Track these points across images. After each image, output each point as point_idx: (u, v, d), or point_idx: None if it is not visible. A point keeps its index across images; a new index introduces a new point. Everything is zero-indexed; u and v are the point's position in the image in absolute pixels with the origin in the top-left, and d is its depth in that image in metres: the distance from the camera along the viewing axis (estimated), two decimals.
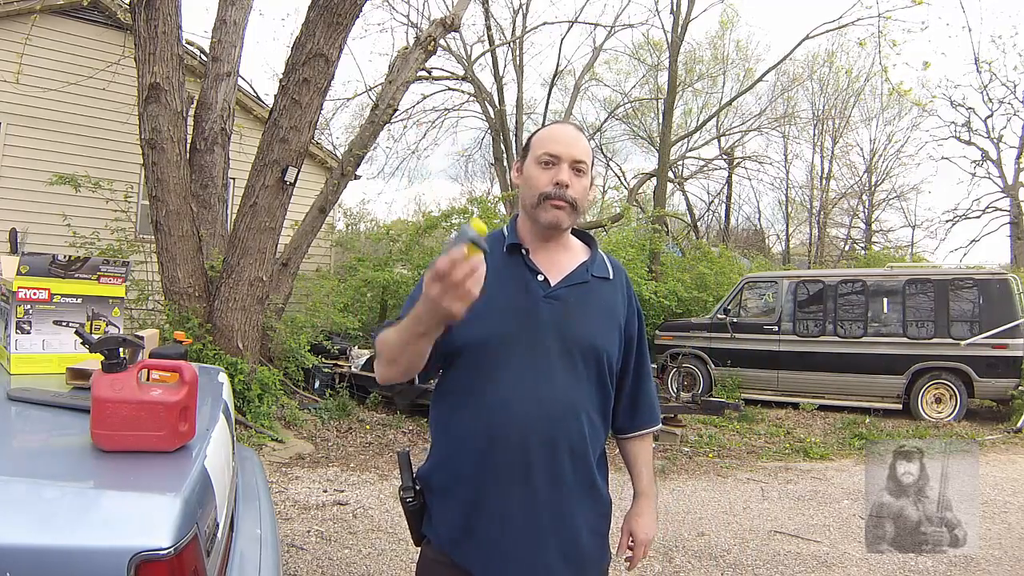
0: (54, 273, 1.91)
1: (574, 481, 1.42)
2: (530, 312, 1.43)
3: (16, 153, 8.42)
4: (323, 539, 3.79)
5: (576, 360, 1.42)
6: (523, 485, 1.38)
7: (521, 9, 18.62)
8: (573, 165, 1.45)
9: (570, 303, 1.45)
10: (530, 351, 1.40)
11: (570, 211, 1.45)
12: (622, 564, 1.64)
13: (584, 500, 1.45)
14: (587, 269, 1.50)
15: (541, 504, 1.39)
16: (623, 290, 1.55)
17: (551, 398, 1.39)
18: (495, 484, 1.39)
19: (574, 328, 1.43)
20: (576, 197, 1.45)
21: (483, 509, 1.40)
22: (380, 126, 8.17)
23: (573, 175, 1.45)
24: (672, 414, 7.17)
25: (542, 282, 1.46)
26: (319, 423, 6.53)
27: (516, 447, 1.37)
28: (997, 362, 8.11)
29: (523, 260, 1.48)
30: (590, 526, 1.47)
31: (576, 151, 1.46)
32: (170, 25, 5.59)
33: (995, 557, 3.88)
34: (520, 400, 1.38)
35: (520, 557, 1.39)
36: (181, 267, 5.86)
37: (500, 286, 1.42)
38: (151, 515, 1.06)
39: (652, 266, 13.01)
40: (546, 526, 1.40)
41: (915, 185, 23.32)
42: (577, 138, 1.49)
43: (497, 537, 1.39)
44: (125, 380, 1.27)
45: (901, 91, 13.00)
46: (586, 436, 1.43)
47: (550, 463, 1.39)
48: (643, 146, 23.79)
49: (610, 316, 1.50)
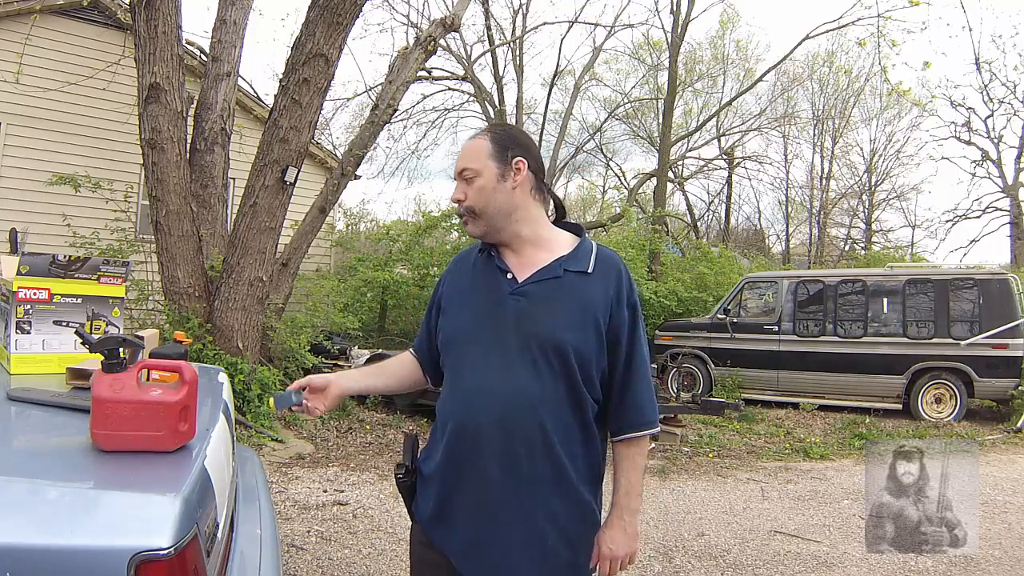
0: (54, 273, 1.91)
1: (533, 477, 1.41)
2: (495, 308, 1.48)
3: (16, 153, 8.42)
4: (323, 539, 3.78)
5: (535, 355, 1.42)
6: (481, 476, 1.43)
7: (521, 9, 18.66)
8: (461, 177, 1.52)
9: (537, 299, 1.46)
10: (493, 346, 1.45)
11: (473, 219, 1.52)
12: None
13: (551, 499, 1.43)
14: (560, 264, 1.50)
15: (499, 496, 1.42)
16: (608, 285, 1.49)
17: (506, 392, 1.42)
18: (458, 473, 1.46)
19: (535, 324, 1.44)
20: (472, 204, 1.50)
21: (450, 496, 1.47)
22: (380, 126, 8.16)
23: (464, 185, 1.51)
24: (672, 414, 7.17)
25: (510, 279, 1.50)
26: (319, 423, 6.52)
27: (472, 437, 1.43)
28: (997, 362, 8.11)
29: (494, 261, 1.54)
30: (559, 528, 1.44)
31: (460, 163, 1.53)
32: (170, 25, 5.59)
33: (995, 557, 3.88)
34: (479, 392, 1.44)
35: (487, 548, 1.43)
36: (181, 267, 5.86)
37: (474, 285, 1.55)
38: (151, 515, 1.06)
39: (652, 266, 13.01)
40: (506, 520, 1.42)
41: (915, 185, 23.36)
42: (463, 150, 1.55)
43: (464, 525, 1.45)
44: (125, 380, 1.27)
45: (900, 91, 13.03)
46: (547, 431, 1.41)
47: (505, 457, 1.41)
48: (643, 146, 23.81)
49: (583, 311, 1.45)
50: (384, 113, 7.94)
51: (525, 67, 21.43)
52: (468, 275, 1.59)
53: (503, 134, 1.55)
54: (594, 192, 28.27)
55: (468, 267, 1.60)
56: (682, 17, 15.89)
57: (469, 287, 1.56)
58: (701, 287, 12.33)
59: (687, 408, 7.35)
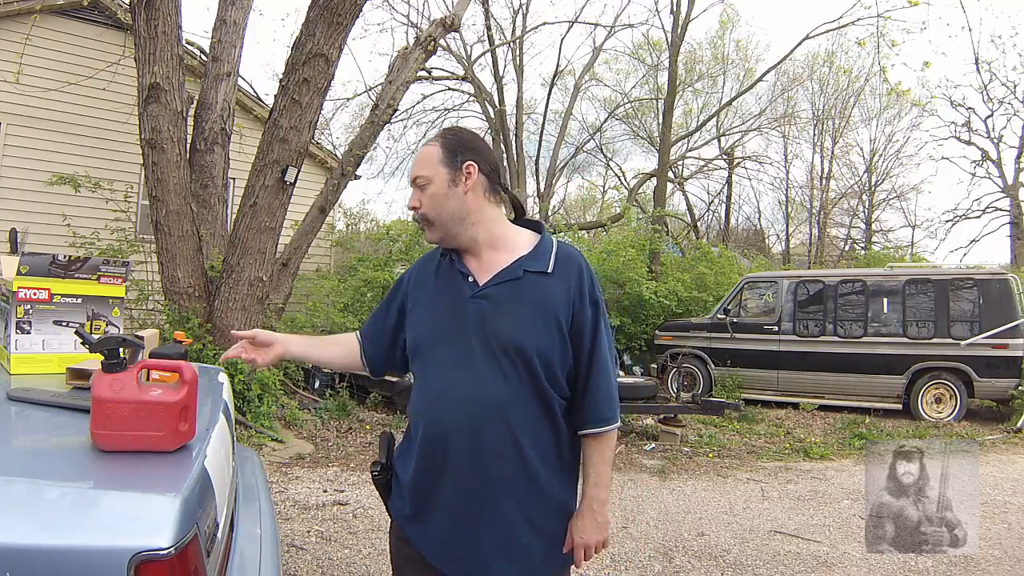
0: (54, 273, 1.91)
1: (506, 478, 1.44)
2: (457, 313, 1.50)
3: (16, 153, 8.42)
4: (323, 539, 3.78)
5: (499, 358, 1.44)
6: (453, 478, 1.45)
7: (521, 9, 18.66)
8: (415, 184, 1.54)
9: (498, 301, 1.48)
10: (456, 350, 1.47)
11: (429, 226, 1.54)
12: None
13: (525, 498, 1.46)
14: (520, 265, 1.50)
15: (470, 497, 1.45)
16: (569, 283, 1.49)
17: (473, 396, 1.44)
18: (431, 474, 1.48)
19: (497, 327, 1.45)
20: (426, 211, 1.52)
21: (426, 497, 1.50)
22: (380, 126, 8.16)
23: (418, 192, 1.53)
24: (672, 414, 7.18)
25: (471, 283, 1.51)
26: (319, 423, 6.53)
27: (442, 440, 1.45)
28: (997, 362, 8.10)
29: (455, 264, 1.55)
30: (534, 525, 1.47)
31: (413, 171, 1.55)
32: (170, 25, 5.59)
33: (995, 557, 3.88)
34: (445, 397, 1.46)
35: (462, 547, 1.46)
36: (181, 267, 5.86)
37: (437, 289, 1.57)
38: (151, 515, 1.06)
39: (652, 266, 13.00)
40: (480, 519, 1.44)
41: (915, 185, 23.37)
42: (417, 157, 1.56)
43: (439, 524, 1.48)
44: (125, 380, 1.27)
45: (899, 91, 13.02)
46: (515, 432, 1.43)
47: (475, 459, 1.43)
48: (643, 146, 23.81)
49: (543, 312, 1.46)
50: (384, 113, 7.94)
51: (525, 67, 21.45)
52: (431, 278, 1.60)
53: (453, 139, 1.55)
54: (594, 192, 28.30)
55: (432, 270, 1.62)
56: (682, 17, 15.89)
57: (433, 290, 1.58)
58: (701, 287, 12.32)
59: (687, 408, 7.35)
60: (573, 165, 23.55)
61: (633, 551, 3.84)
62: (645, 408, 7.16)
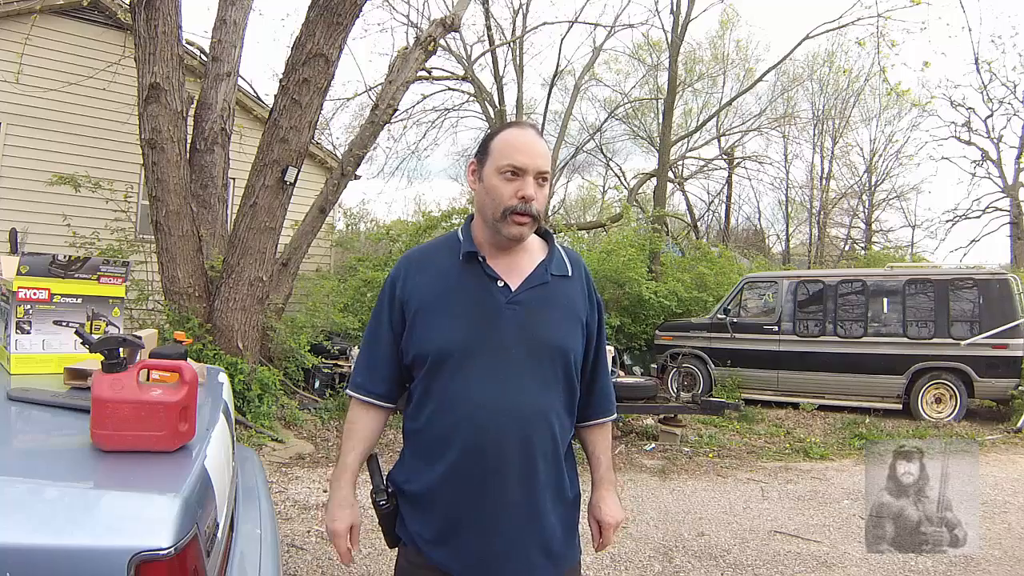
0: (54, 273, 1.91)
1: (547, 483, 1.44)
2: (493, 320, 1.41)
3: (16, 153, 8.42)
4: (323, 539, 3.78)
5: (544, 364, 1.43)
6: (499, 492, 1.39)
7: (521, 9, 18.64)
8: (538, 177, 1.41)
9: (533, 307, 1.44)
10: (496, 359, 1.40)
11: (533, 224, 1.43)
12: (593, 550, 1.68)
13: (556, 499, 1.47)
14: (546, 269, 1.49)
15: (517, 508, 1.40)
16: (582, 284, 1.53)
17: (521, 405, 1.40)
18: (469, 493, 1.40)
19: (540, 332, 1.43)
20: (540, 210, 1.44)
21: (459, 516, 1.41)
22: (380, 126, 8.16)
23: (537, 187, 1.42)
24: (672, 414, 7.17)
25: (502, 288, 1.44)
26: (319, 423, 6.53)
27: (491, 456, 1.38)
28: (997, 362, 8.10)
29: (481, 267, 1.45)
30: (564, 522, 1.49)
31: (541, 162, 1.42)
32: (170, 25, 5.59)
33: (995, 557, 3.88)
34: (491, 410, 1.38)
35: (500, 559, 1.42)
36: (181, 267, 5.86)
37: (459, 295, 1.44)
38: (151, 515, 1.06)
39: (652, 266, 13.00)
40: (524, 528, 1.42)
41: (915, 185, 23.41)
42: (541, 147, 1.44)
43: (475, 541, 1.41)
44: (125, 380, 1.27)
45: (899, 91, 13.01)
46: (557, 437, 1.45)
47: (525, 469, 1.40)
48: (643, 146, 23.81)
49: (572, 314, 1.49)
50: (384, 113, 7.94)
51: (525, 67, 21.46)
52: (444, 281, 1.46)
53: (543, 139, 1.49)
54: (594, 192, 28.32)
55: (440, 272, 1.48)
56: (682, 17, 15.90)
57: (452, 295, 1.44)
58: (701, 287, 12.33)
59: (687, 408, 7.34)
60: (573, 165, 23.57)
61: (633, 551, 3.84)
62: (645, 408, 7.15)
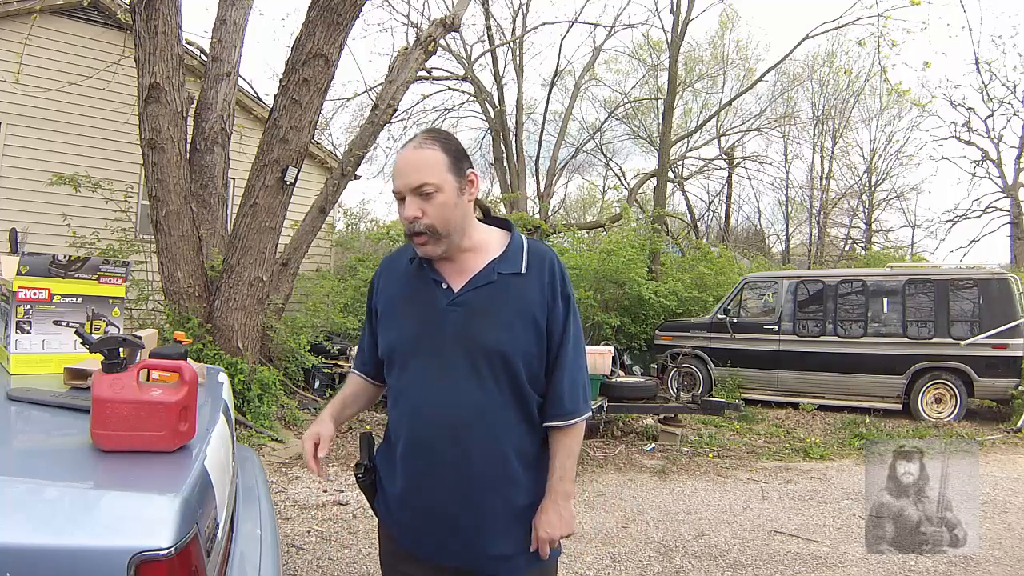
0: (54, 273, 1.91)
1: (490, 475, 1.45)
2: (434, 321, 1.46)
3: (16, 153, 8.42)
4: (323, 539, 3.79)
5: (480, 366, 1.43)
6: (437, 479, 1.46)
7: (521, 9, 18.64)
8: (415, 193, 1.41)
9: (475, 307, 1.45)
10: (435, 359, 1.45)
11: (433, 237, 1.43)
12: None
13: (511, 496, 1.48)
14: (494, 268, 1.48)
15: (457, 495, 1.45)
16: (542, 281, 1.48)
17: (455, 404, 1.43)
18: (412, 479, 1.49)
19: (476, 334, 1.44)
20: (432, 222, 1.42)
21: (407, 501, 1.51)
22: (380, 126, 8.16)
23: (420, 201, 1.41)
24: (672, 414, 7.18)
25: (446, 290, 1.48)
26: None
27: (426, 450, 1.46)
28: (997, 362, 8.10)
29: (425, 270, 1.50)
30: (520, 519, 1.50)
31: (412, 178, 1.41)
32: (170, 25, 5.59)
33: (995, 557, 3.88)
34: (428, 407, 1.45)
35: (438, 546, 1.49)
36: (181, 267, 5.86)
37: (409, 296, 1.53)
38: (151, 515, 1.06)
39: (652, 266, 13.01)
40: (468, 515, 1.46)
41: (915, 185, 23.48)
42: (414, 161, 1.42)
43: (420, 526, 1.50)
44: (125, 380, 1.27)
45: (899, 91, 13.01)
46: (497, 436, 1.45)
47: (457, 460, 1.44)
48: (643, 146, 23.82)
49: (521, 314, 1.45)
50: (384, 113, 7.94)
51: (525, 67, 21.45)
52: (400, 283, 1.55)
53: (454, 144, 1.47)
54: (594, 192, 28.32)
55: (400, 274, 1.57)
56: (682, 17, 15.89)
57: (404, 297, 1.53)
58: (701, 287, 12.33)
59: (687, 408, 7.35)
60: (573, 165, 23.57)
61: (633, 551, 3.84)
62: (645, 408, 7.16)
